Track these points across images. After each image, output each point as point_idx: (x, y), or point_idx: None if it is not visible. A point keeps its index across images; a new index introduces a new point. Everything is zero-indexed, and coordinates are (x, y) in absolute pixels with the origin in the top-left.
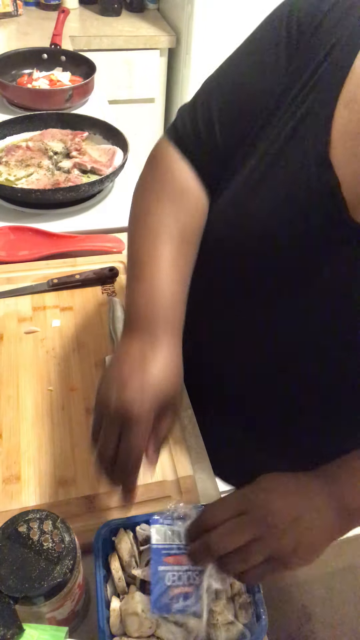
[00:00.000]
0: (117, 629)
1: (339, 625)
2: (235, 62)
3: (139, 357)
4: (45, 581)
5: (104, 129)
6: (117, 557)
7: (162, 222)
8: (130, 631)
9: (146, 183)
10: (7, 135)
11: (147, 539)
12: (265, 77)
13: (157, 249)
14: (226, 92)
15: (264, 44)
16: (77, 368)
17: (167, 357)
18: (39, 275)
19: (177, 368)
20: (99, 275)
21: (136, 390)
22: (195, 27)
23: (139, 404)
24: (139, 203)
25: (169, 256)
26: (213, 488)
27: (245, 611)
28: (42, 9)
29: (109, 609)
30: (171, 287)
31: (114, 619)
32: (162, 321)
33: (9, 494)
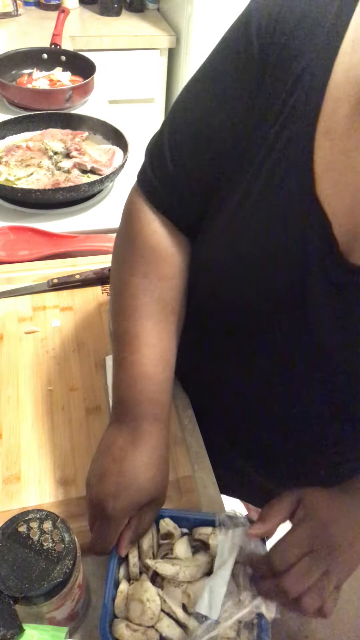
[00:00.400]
0: (120, 611)
1: (339, 625)
2: (200, 90)
3: (119, 455)
4: (45, 581)
5: (104, 129)
6: (136, 543)
7: (138, 298)
8: (132, 617)
9: (120, 250)
10: (7, 135)
11: (169, 534)
12: (233, 112)
13: (135, 328)
14: (193, 130)
15: (228, 68)
16: (77, 368)
17: (148, 454)
18: (39, 275)
19: (160, 464)
20: (99, 275)
21: (110, 494)
22: (195, 27)
23: (111, 502)
24: (115, 276)
25: (149, 335)
26: (213, 488)
27: (248, 631)
28: (42, 9)
29: (117, 590)
30: (153, 369)
31: (120, 600)
32: (145, 411)
33: (9, 494)
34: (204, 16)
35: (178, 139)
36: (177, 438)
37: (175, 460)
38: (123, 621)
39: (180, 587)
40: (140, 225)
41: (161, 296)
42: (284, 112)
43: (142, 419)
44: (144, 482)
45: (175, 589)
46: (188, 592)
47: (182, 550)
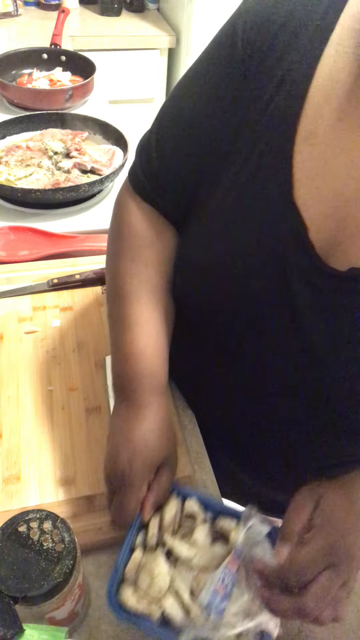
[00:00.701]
0: (130, 577)
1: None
2: (187, 89)
3: (126, 429)
4: (45, 581)
5: (104, 129)
6: (159, 516)
7: (127, 282)
8: (140, 586)
9: (111, 240)
10: (7, 135)
11: (193, 515)
12: (215, 113)
13: (125, 310)
14: (178, 128)
15: (214, 69)
16: (77, 368)
17: (152, 421)
18: (39, 275)
19: (165, 428)
20: (99, 275)
21: (124, 462)
22: (195, 27)
23: (127, 468)
24: (107, 264)
25: (139, 315)
26: (213, 488)
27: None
28: (42, 9)
29: (131, 555)
30: (145, 345)
31: (132, 566)
32: (144, 386)
33: (9, 494)
34: (204, 16)
35: (163, 136)
36: (177, 438)
37: None
38: (131, 587)
39: (191, 572)
40: (128, 215)
41: (149, 280)
42: (265, 115)
43: (140, 391)
44: (153, 445)
45: (186, 572)
46: (199, 579)
47: (201, 537)
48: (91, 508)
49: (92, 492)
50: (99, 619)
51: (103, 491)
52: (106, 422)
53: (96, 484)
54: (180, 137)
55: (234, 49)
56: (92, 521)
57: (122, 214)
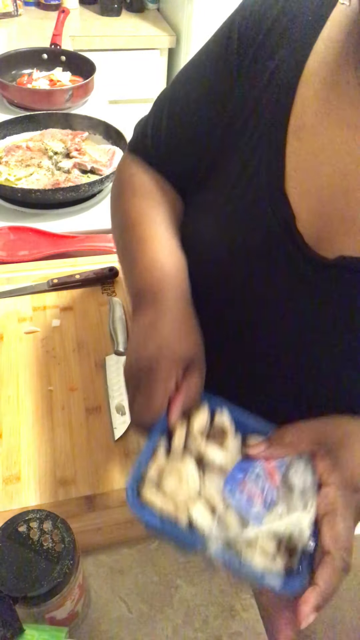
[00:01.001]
0: (151, 479)
1: (339, 625)
2: (186, 80)
3: (150, 327)
4: (45, 581)
5: (104, 129)
6: (186, 424)
7: (142, 212)
8: (165, 489)
9: (116, 194)
10: (7, 135)
11: (224, 429)
12: (210, 105)
13: (139, 233)
14: (174, 119)
15: (210, 63)
16: (77, 368)
17: (176, 319)
18: (39, 275)
19: (190, 327)
20: (99, 275)
21: (150, 355)
22: (195, 27)
23: (154, 366)
24: (115, 211)
25: (154, 233)
26: None
27: (289, 556)
28: (42, 9)
29: (154, 455)
30: (163, 256)
31: (153, 470)
32: (167, 289)
33: (9, 494)
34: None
35: (160, 128)
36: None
37: None
38: (153, 489)
39: (223, 480)
40: (134, 170)
41: (164, 212)
42: (257, 108)
43: (164, 293)
44: (180, 341)
45: (218, 479)
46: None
47: (234, 448)
48: (91, 508)
49: (92, 492)
50: (99, 619)
51: (103, 491)
52: (106, 422)
53: (96, 484)
54: (176, 127)
55: (229, 42)
56: (92, 521)
57: (126, 171)
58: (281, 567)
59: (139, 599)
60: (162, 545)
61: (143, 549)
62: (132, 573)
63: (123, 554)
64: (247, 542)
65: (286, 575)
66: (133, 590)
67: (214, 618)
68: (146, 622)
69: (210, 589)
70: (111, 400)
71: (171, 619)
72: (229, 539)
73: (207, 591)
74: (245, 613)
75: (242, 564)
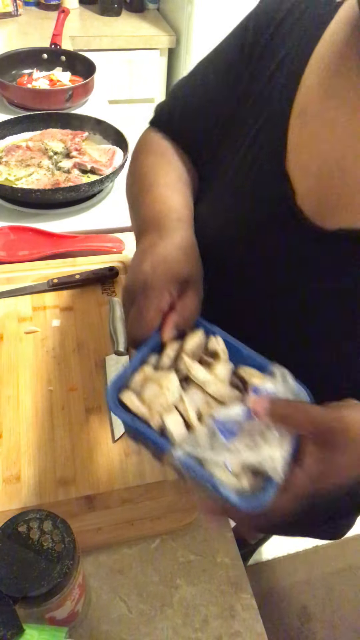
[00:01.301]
0: (135, 387)
1: (339, 625)
2: (203, 67)
3: (149, 247)
4: (45, 581)
5: (104, 129)
6: (179, 343)
7: (154, 165)
8: (144, 396)
9: (133, 158)
10: (7, 135)
11: (217, 354)
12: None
13: (152, 179)
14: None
15: (229, 50)
16: (77, 368)
17: (176, 242)
18: (39, 275)
19: (189, 249)
20: (99, 275)
21: (147, 269)
22: (195, 27)
23: (149, 279)
24: (130, 173)
25: (166, 179)
26: None
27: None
28: (42, 9)
29: (141, 365)
30: (170, 193)
31: (139, 378)
32: (170, 218)
33: (9, 494)
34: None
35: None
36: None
37: None
38: (134, 394)
39: (204, 397)
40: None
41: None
42: (264, 93)
43: (165, 224)
44: (178, 257)
45: (199, 397)
46: (210, 405)
47: (222, 372)
48: (91, 508)
49: (92, 492)
50: (99, 619)
51: (103, 491)
52: (106, 422)
53: (96, 484)
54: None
55: (245, 32)
56: (92, 521)
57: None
58: (246, 487)
59: (139, 599)
60: (162, 545)
61: (143, 549)
62: (132, 573)
63: (123, 554)
64: (214, 462)
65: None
66: (133, 590)
67: (214, 618)
68: (146, 622)
69: (210, 589)
70: None
71: (171, 619)
72: (197, 454)
73: (207, 591)
74: (245, 613)
75: (204, 474)
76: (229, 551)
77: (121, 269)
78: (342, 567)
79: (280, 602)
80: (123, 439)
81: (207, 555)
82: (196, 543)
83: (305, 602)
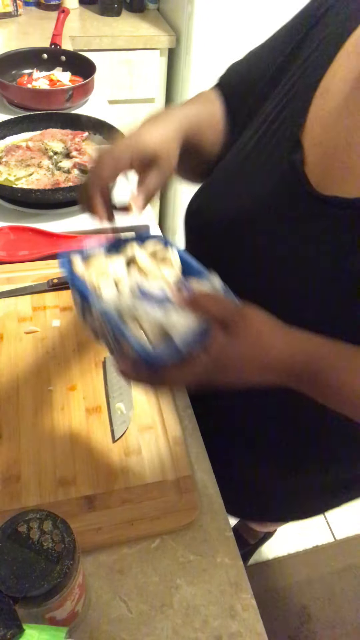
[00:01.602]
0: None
1: (339, 625)
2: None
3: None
4: (45, 581)
5: (104, 129)
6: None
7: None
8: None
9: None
10: (7, 135)
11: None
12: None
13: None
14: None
15: (286, 28)
16: (77, 368)
17: (157, 126)
18: (39, 275)
19: (166, 134)
20: None
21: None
22: (195, 27)
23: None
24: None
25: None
26: (213, 488)
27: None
28: (42, 9)
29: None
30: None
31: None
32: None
33: (9, 494)
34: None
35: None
36: (177, 438)
37: (175, 460)
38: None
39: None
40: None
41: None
42: (302, 67)
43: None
44: (150, 133)
45: (138, 277)
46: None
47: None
48: (91, 508)
49: (92, 492)
50: (99, 619)
51: (103, 491)
52: (106, 422)
53: (96, 484)
54: (237, 73)
55: (301, 16)
56: (92, 521)
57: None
58: (152, 343)
59: (139, 599)
60: (162, 545)
61: (143, 549)
62: (132, 573)
63: (123, 554)
64: (132, 317)
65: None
66: (133, 590)
67: (214, 618)
68: (146, 622)
69: (210, 589)
70: (111, 400)
71: (171, 619)
72: (117, 307)
73: (207, 591)
74: (245, 613)
75: (118, 323)
76: (229, 551)
77: None
78: (342, 567)
79: (280, 602)
80: (123, 439)
81: (207, 555)
82: (196, 543)
83: (305, 602)
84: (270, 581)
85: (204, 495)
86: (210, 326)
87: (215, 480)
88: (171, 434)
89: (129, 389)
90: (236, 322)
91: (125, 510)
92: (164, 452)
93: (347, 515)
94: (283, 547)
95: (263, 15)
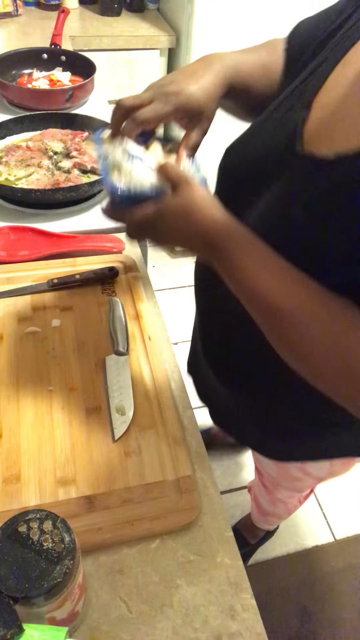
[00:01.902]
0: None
1: (339, 625)
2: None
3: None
4: (45, 581)
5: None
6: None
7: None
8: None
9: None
10: (7, 135)
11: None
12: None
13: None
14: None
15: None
16: (77, 368)
17: (207, 79)
18: (39, 275)
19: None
20: (99, 275)
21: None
22: (195, 27)
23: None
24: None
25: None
26: (213, 488)
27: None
28: (42, 9)
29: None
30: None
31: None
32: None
33: (9, 494)
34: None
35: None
36: (177, 438)
37: (175, 460)
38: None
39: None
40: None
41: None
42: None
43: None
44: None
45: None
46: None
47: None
48: (91, 508)
49: (92, 492)
50: (99, 619)
51: (103, 491)
52: (106, 422)
53: (96, 484)
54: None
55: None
56: (92, 521)
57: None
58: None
59: (139, 599)
60: (162, 545)
61: (143, 549)
62: (132, 573)
63: (123, 554)
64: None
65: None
66: (133, 590)
67: (213, 618)
68: (146, 622)
69: (210, 589)
70: (111, 400)
71: (171, 619)
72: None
73: (207, 591)
74: (245, 613)
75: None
76: (229, 551)
77: (121, 269)
78: (342, 567)
79: (280, 602)
80: (123, 439)
81: (207, 555)
82: (196, 543)
83: (305, 602)
84: (270, 581)
85: (204, 495)
86: (166, 188)
87: (215, 480)
88: (171, 434)
89: (129, 389)
90: (181, 186)
91: (125, 510)
92: (164, 452)
93: (347, 515)
94: (283, 547)
95: (263, 15)
